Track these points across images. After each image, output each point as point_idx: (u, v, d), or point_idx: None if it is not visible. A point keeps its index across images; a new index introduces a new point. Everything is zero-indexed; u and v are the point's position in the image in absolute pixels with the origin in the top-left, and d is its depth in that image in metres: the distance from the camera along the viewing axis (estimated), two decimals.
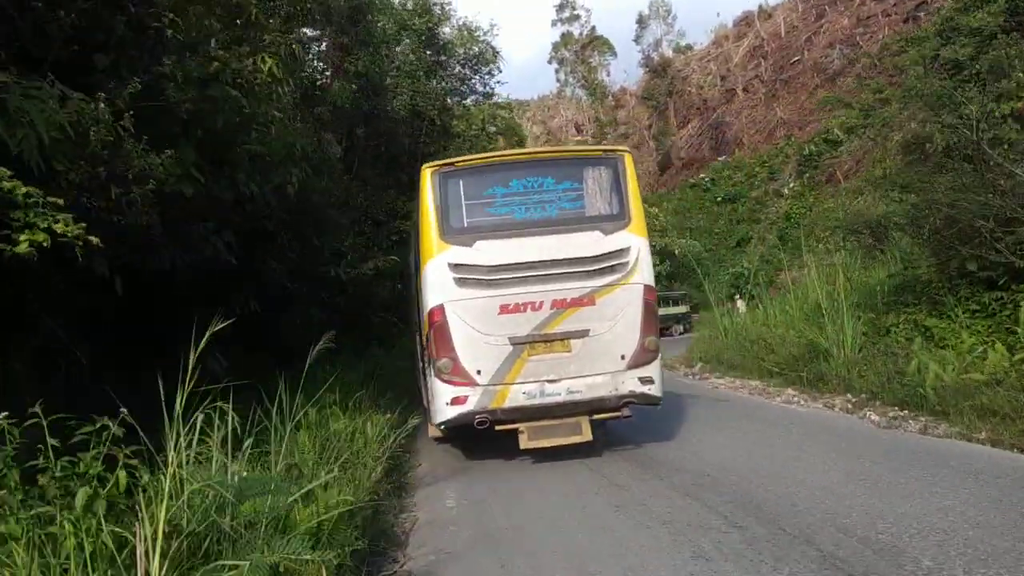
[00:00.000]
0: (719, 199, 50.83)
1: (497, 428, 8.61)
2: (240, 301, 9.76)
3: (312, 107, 19.78)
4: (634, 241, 8.65)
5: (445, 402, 8.46)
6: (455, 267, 8.54)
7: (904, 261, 13.59)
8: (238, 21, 9.62)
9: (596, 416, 8.70)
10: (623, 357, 8.48)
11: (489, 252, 8.54)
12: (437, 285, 8.62)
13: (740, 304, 37.15)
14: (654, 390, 8.57)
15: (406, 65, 32.39)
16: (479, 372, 8.40)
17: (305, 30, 21.46)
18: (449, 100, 37.32)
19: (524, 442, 8.54)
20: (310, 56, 23.92)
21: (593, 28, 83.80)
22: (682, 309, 36.08)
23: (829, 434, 8.98)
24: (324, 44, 26.33)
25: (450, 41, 36.45)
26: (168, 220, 7.05)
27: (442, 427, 8.79)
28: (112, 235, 5.75)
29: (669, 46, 71.26)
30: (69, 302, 7.18)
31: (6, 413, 3.90)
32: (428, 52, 34.99)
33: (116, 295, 6.45)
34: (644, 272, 8.66)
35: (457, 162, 9.19)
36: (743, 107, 63.65)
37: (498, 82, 72.25)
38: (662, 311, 35.40)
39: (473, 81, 37.82)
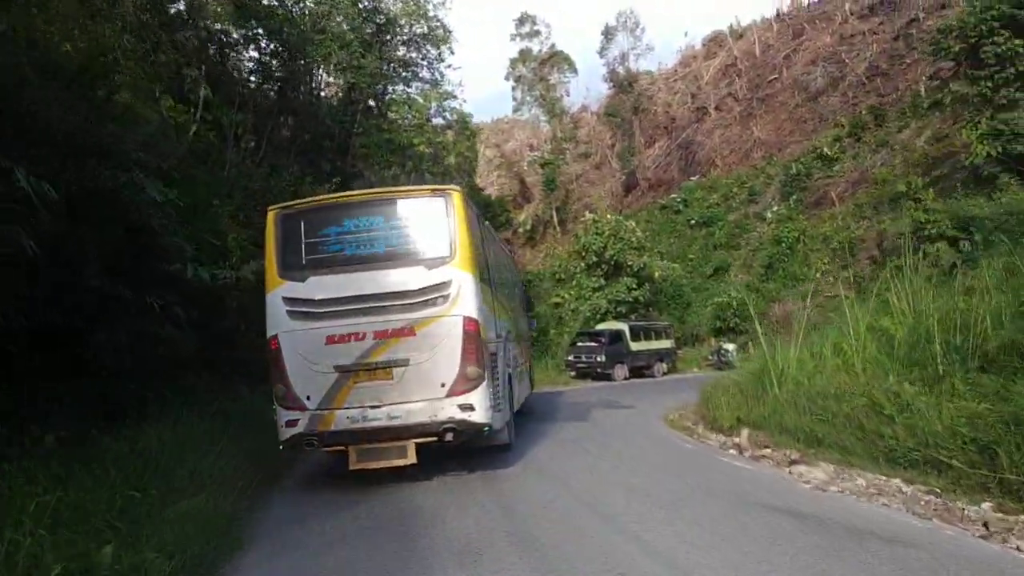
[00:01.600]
0: (692, 222, 45.25)
1: (326, 449, 9.56)
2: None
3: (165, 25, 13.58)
4: (456, 275, 9.20)
5: (282, 424, 9.26)
6: (288, 300, 9.35)
7: None
8: None
9: (420, 441, 9.17)
10: (443, 385, 9.04)
11: (318, 287, 9.29)
12: (273, 317, 9.41)
13: (730, 347, 31.53)
14: (475, 417, 9.08)
15: (339, 37, 26.11)
16: (308, 398, 9.16)
17: None
18: (390, 87, 31.16)
19: (352, 463, 9.26)
20: None
21: (553, 45, 78.48)
22: (666, 344, 30.05)
23: None
24: None
25: (394, 15, 30.24)
26: None
27: (281, 447, 9.43)
28: None
29: (636, 61, 66.00)
30: None
31: None
32: (366, 24, 28.77)
33: None
34: (466, 304, 9.18)
35: (297, 204, 10.11)
36: (715, 126, 58.58)
37: (449, 66, 65.99)
38: (644, 345, 29.50)
39: (420, 66, 31.71)
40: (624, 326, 28.35)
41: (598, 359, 27.02)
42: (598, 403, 18.29)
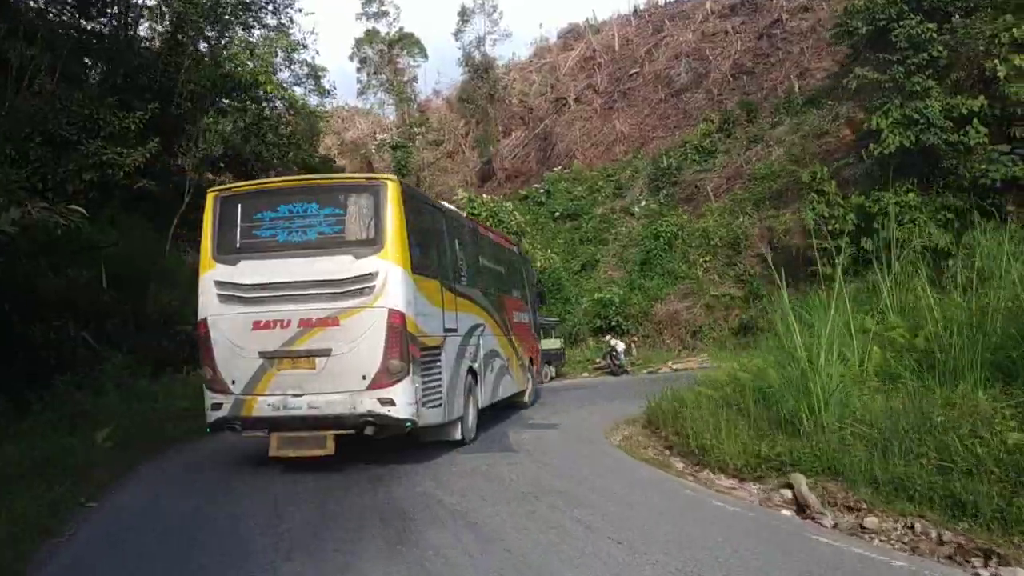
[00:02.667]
0: (557, 214, 42.09)
1: (246, 435, 9.65)
2: None
3: None
4: (383, 266, 9.03)
5: (208, 407, 9.40)
6: (219, 284, 9.36)
7: None
8: None
9: (339, 432, 9.06)
10: (364, 377, 8.92)
11: (248, 272, 9.27)
12: (204, 300, 9.47)
13: (618, 344, 28.33)
14: (396, 412, 8.94)
15: None
16: (233, 382, 9.21)
17: None
18: (227, 32, 25.82)
19: (272, 450, 9.22)
20: None
21: (401, 28, 73.78)
22: (555, 344, 26.30)
23: None
24: None
25: None
26: None
27: (207, 429, 9.63)
28: None
29: (494, 46, 62.56)
30: None
31: None
32: None
33: None
34: (392, 296, 8.99)
35: (236, 187, 10.29)
36: (575, 118, 55.95)
37: (300, 10, 59.77)
38: None
39: (264, 9, 26.58)
40: None
41: None
42: (505, 421, 14.17)
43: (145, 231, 20.03)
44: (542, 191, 45.64)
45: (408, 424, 9.13)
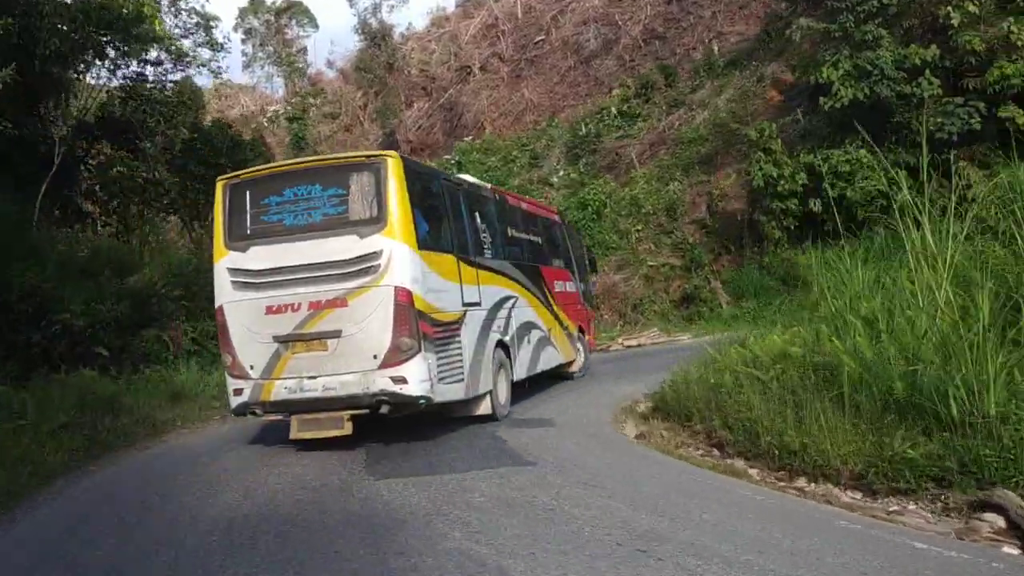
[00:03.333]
0: None
1: (269, 418, 10.03)
2: None
3: None
4: (387, 244, 8.97)
5: (230, 392, 9.59)
6: (232, 271, 9.50)
7: None
8: None
9: (355, 412, 9.15)
10: (375, 357, 8.92)
11: (259, 257, 9.37)
12: (219, 287, 9.66)
13: None
14: (408, 390, 8.91)
15: None
16: (251, 367, 9.33)
17: None
18: None
19: (293, 432, 9.38)
20: None
21: None
22: None
23: None
24: None
25: None
26: None
27: (233, 414, 10.02)
28: None
29: (390, 12, 59.30)
30: None
31: None
32: None
33: None
34: (397, 274, 8.94)
35: (244, 173, 10.21)
36: (481, 87, 53.48)
37: None
38: None
39: None
40: None
41: None
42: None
43: (4, 202, 16.56)
44: (452, 162, 43.05)
45: (422, 401, 9.12)
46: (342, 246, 9.04)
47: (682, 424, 9.38)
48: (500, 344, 11.41)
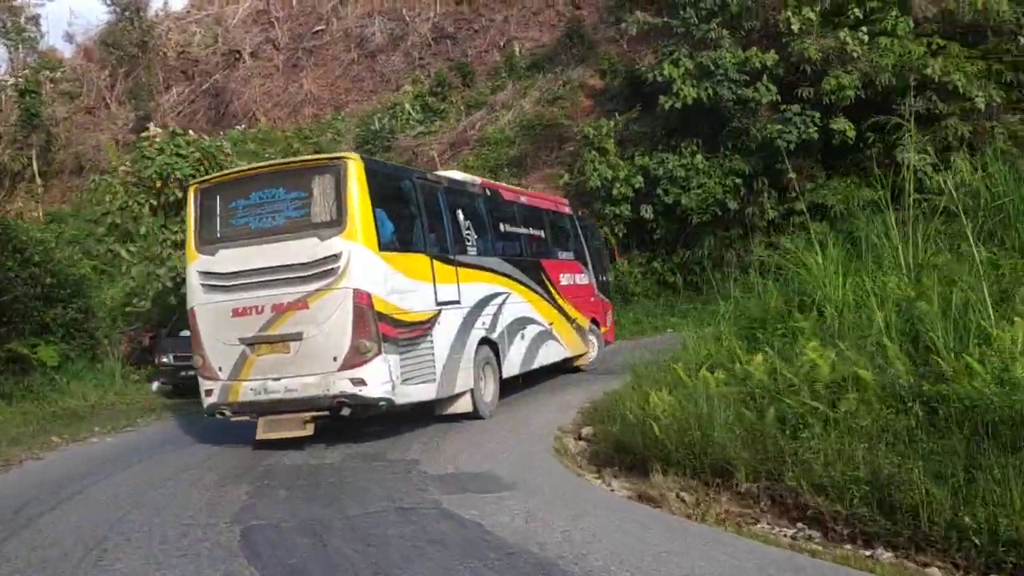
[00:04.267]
0: None
1: (234, 419, 9.85)
2: None
3: None
4: (346, 247, 8.94)
5: (202, 393, 9.77)
6: (202, 274, 9.61)
7: None
8: None
9: (316, 414, 9.31)
10: (335, 359, 8.96)
11: (226, 260, 9.42)
12: (191, 289, 9.86)
13: None
14: (368, 391, 8.97)
15: None
16: (220, 369, 9.47)
17: None
18: None
19: (259, 433, 9.47)
20: None
21: None
22: None
23: None
24: None
25: None
26: None
27: (205, 415, 10.17)
28: None
29: None
30: None
31: None
32: None
33: None
34: (356, 277, 8.92)
35: (213, 178, 10.78)
36: (253, 75, 48.79)
37: None
38: None
39: None
40: None
41: None
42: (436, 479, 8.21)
43: None
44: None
45: (383, 403, 9.20)
46: (303, 249, 9.05)
47: (708, 481, 6.71)
48: (485, 341, 11.33)
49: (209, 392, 9.57)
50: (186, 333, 16.20)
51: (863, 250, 9.76)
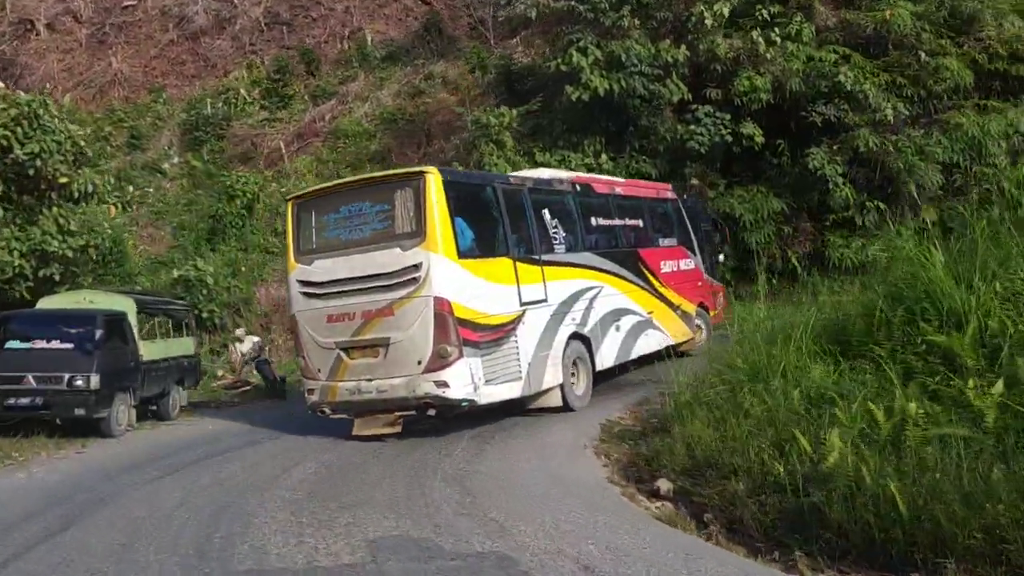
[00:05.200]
0: None
1: (333, 416, 10.53)
2: None
3: None
4: (426, 256, 9.42)
5: (305, 392, 10.52)
6: (301, 283, 10.28)
7: None
8: None
9: (405, 413, 9.96)
10: (420, 362, 9.48)
11: (321, 270, 10.10)
12: (293, 297, 10.54)
13: (249, 339, 18.74)
14: (451, 393, 9.43)
15: None
16: (319, 371, 10.19)
17: None
18: None
19: (355, 430, 10.27)
20: None
21: None
22: (187, 345, 15.90)
23: None
24: None
25: None
26: None
27: (309, 412, 10.68)
28: None
29: None
30: None
31: None
32: None
33: None
34: (436, 285, 9.38)
35: (307, 193, 11.27)
36: (49, 49, 42.76)
37: None
38: (161, 348, 13.17)
39: None
40: (128, 303, 13.61)
41: (75, 385, 11.85)
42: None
43: None
44: None
45: (464, 404, 9.59)
46: (388, 259, 9.62)
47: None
48: (576, 336, 11.50)
49: (311, 391, 10.29)
50: (10, 345, 12.43)
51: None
